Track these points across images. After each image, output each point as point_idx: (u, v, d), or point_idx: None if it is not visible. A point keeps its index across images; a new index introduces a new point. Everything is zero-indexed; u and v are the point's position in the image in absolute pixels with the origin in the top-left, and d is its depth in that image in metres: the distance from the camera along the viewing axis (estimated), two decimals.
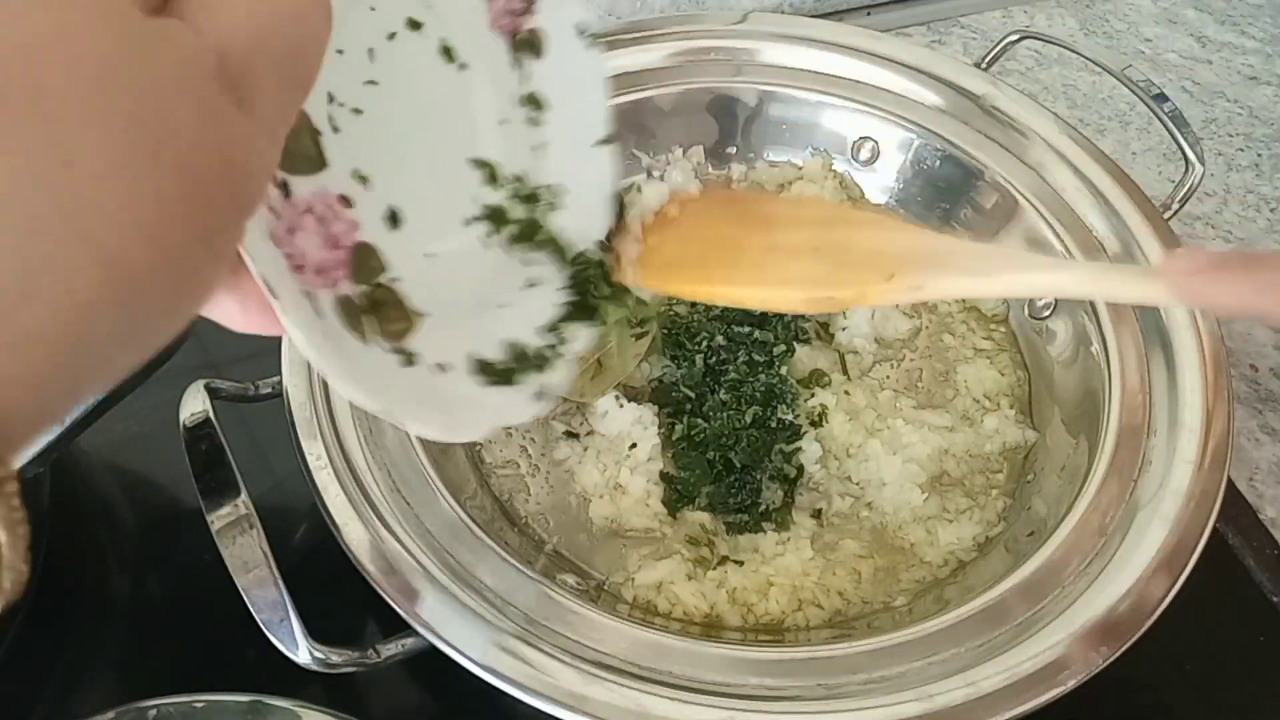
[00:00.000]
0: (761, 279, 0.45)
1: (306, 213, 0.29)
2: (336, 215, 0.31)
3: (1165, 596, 0.45)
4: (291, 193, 0.29)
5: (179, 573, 0.59)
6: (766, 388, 0.58)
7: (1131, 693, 0.55)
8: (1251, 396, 0.68)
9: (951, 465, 0.59)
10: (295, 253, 0.28)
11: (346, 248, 0.31)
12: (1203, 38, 0.93)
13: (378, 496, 0.48)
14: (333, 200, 0.31)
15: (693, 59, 0.69)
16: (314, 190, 0.30)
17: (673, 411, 0.58)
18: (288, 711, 0.47)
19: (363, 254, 0.32)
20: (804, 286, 0.44)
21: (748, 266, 0.45)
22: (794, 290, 0.45)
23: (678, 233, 0.47)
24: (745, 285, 0.45)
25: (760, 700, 0.43)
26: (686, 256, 0.46)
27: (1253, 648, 0.57)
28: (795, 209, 0.53)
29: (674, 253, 0.46)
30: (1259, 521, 0.61)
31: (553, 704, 0.42)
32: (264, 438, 0.58)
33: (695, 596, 0.53)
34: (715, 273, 0.46)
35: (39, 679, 0.54)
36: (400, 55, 0.35)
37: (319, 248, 0.30)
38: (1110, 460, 0.51)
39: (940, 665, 0.44)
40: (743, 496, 0.56)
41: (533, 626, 0.45)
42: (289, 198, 0.29)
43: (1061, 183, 0.63)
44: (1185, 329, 0.55)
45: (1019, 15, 0.94)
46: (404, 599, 0.45)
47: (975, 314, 0.66)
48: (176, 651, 0.56)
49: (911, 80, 0.67)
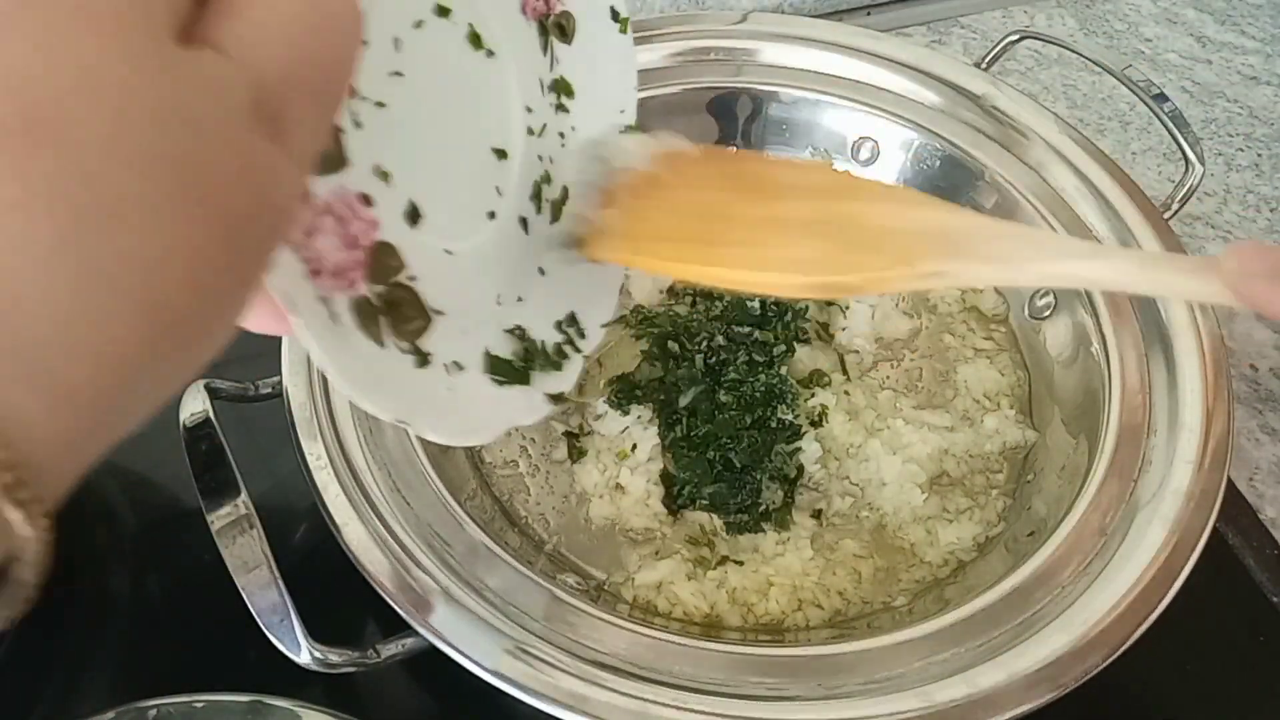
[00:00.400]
0: (755, 259, 0.38)
1: (325, 213, 0.28)
2: (356, 214, 0.29)
3: (1165, 596, 0.45)
4: (312, 194, 0.28)
5: (179, 573, 0.59)
6: (766, 388, 0.58)
7: (1131, 693, 0.55)
8: (1251, 396, 0.68)
9: (951, 465, 0.59)
10: (313, 256, 0.27)
11: (365, 247, 0.30)
12: (1203, 38, 0.93)
13: (378, 496, 0.48)
14: (352, 199, 0.29)
15: (693, 59, 0.69)
16: (333, 190, 0.28)
17: (673, 411, 0.58)
18: (288, 711, 0.47)
19: (381, 253, 0.31)
20: (804, 270, 0.38)
21: (739, 244, 0.39)
22: (792, 274, 0.38)
23: (661, 198, 0.40)
24: (735, 266, 0.39)
25: (760, 700, 0.43)
26: (668, 228, 0.40)
27: (1253, 648, 0.57)
28: (799, 173, 0.45)
29: (655, 223, 0.40)
30: (1259, 521, 0.61)
31: (553, 704, 0.42)
32: (264, 438, 0.58)
33: (695, 596, 0.53)
34: (700, 250, 0.39)
35: (39, 679, 0.54)
36: (427, 44, 0.33)
37: (337, 249, 0.28)
38: (1110, 460, 0.51)
39: (940, 665, 0.44)
40: (743, 496, 0.56)
41: (533, 627, 0.44)
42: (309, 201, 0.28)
43: (1061, 183, 0.63)
44: (1185, 329, 0.55)
45: (1019, 15, 0.94)
46: (404, 599, 0.45)
47: (975, 314, 0.66)
48: (176, 651, 0.56)
49: (911, 80, 0.67)
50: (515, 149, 0.38)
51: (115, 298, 0.18)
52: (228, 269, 0.20)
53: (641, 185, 0.41)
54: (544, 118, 0.40)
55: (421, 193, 0.33)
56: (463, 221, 0.36)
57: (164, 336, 0.19)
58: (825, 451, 0.58)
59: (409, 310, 0.32)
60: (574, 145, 0.41)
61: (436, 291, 0.33)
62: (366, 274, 0.30)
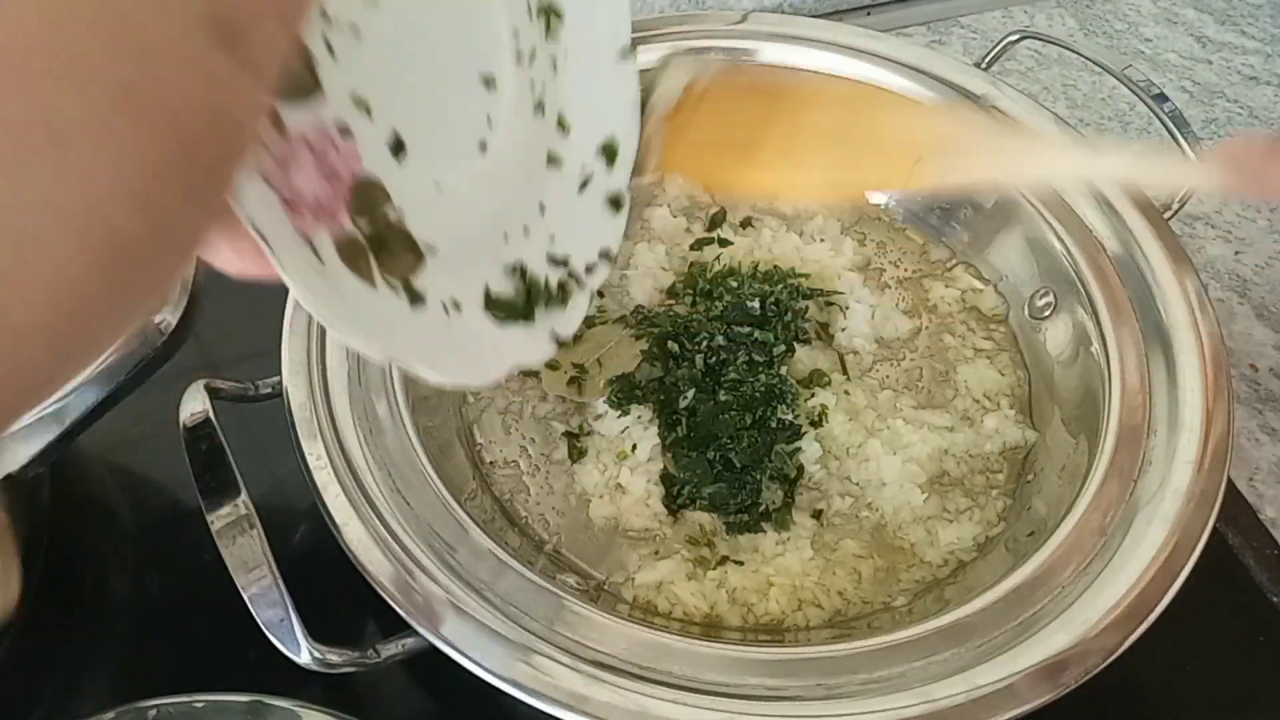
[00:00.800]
0: (786, 164, 0.44)
1: (302, 145, 0.27)
2: (335, 146, 0.28)
3: (1165, 596, 0.45)
4: (285, 124, 0.26)
5: (179, 573, 0.59)
6: (766, 388, 0.58)
7: (1131, 693, 0.55)
8: (1251, 396, 0.68)
9: (951, 465, 0.59)
10: (289, 190, 0.26)
11: (346, 181, 0.28)
12: (1203, 38, 0.93)
13: (378, 496, 0.48)
14: (330, 130, 0.28)
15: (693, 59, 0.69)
16: (309, 120, 0.27)
17: (673, 411, 0.58)
18: (288, 711, 0.47)
19: (364, 187, 0.29)
20: (829, 170, 0.44)
21: (772, 150, 0.44)
22: (818, 174, 0.44)
23: (702, 115, 0.45)
24: (769, 169, 0.45)
25: (760, 700, 0.43)
26: (710, 140, 0.45)
27: (1253, 648, 0.57)
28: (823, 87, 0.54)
29: (698, 137, 0.45)
30: (1259, 521, 0.61)
31: (553, 704, 0.42)
32: (264, 438, 0.58)
33: (695, 596, 0.53)
34: (739, 156, 0.45)
35: (39, 679, 0.54)
36: None
37: (316, 182, 0.27)
38: (1110, 460, 0.51)
39: (940, 665, 0.44)
40: (743, 496, 0.56)
41: (533, 627, 0.44)
42: (282, 130, 0.26)
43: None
44: (1185, 329, 0.55)
45: (1019, 15, 0.94)
46: (404, 600, 0.45)
47: (975, 314, 0.66)
48: (176, 651, 0.56)
49: (911, 80, 0.67)
50: (505, 76, 0.37)
51: (62, 223, 0.17)
52: (183, 192, 0.19)
53: (683, 106, 0.45)
54: (533, 42, 0.38)
55: (405, 123, 0.31)
56: (452, 153, 0.34)
57: (116, 261, 0.18)
58: (825, 451, 0.58)
59: (397, 246, 0.31)
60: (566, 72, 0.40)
61: (427, 227, 0.32)
62: (350, 210, 0.28)
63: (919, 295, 0.67)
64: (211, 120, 0.19)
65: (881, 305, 0.65)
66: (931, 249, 0.69)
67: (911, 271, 0.68)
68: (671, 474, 0.57)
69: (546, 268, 0.38)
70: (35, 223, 0.16)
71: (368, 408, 0.51)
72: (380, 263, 0.30)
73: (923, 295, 0.67)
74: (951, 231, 0.68)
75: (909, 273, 0.68)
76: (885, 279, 0.67)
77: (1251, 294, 0.74)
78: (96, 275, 0.17)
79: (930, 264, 0.68)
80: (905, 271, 0.68)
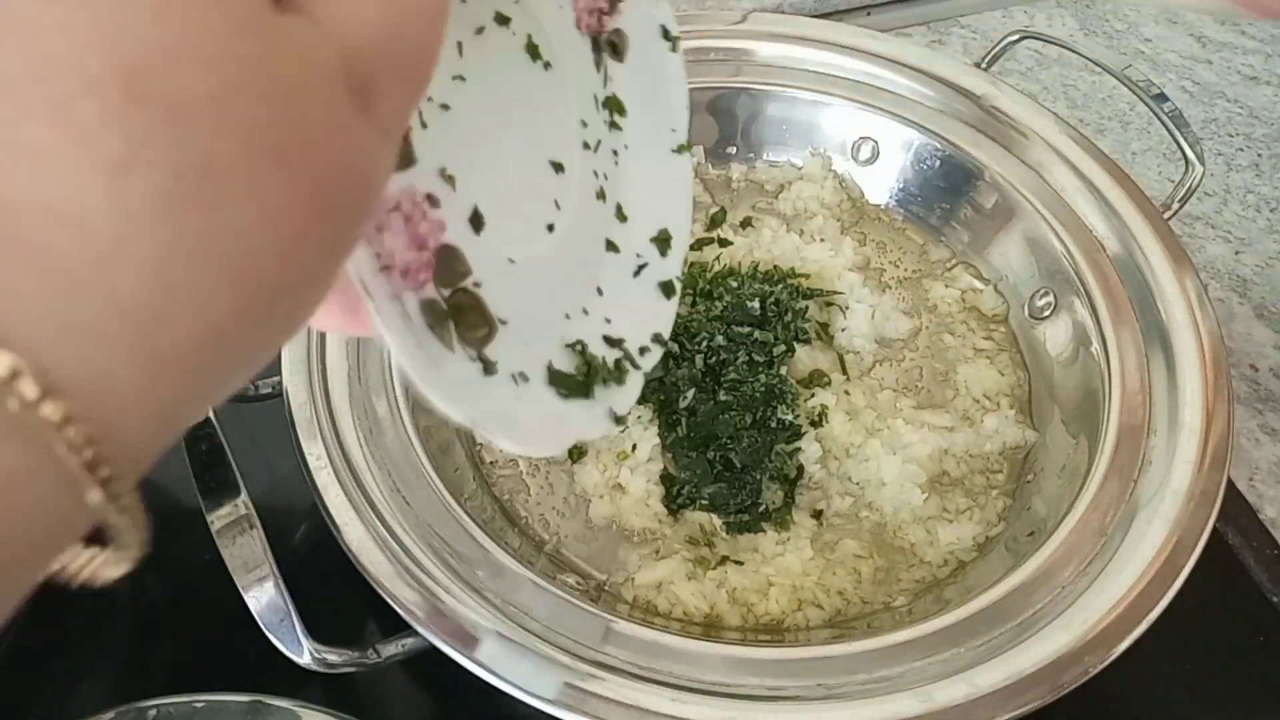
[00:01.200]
0: None
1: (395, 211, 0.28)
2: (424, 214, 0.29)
3: (1165, 596, 0.45)
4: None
5: (179, 573, 0.59)
6: (766, 388, 0.58)
7: (1132, 692, 0.55)
8: (1251, 396, 0.68)
9: (951, 465, 0.59)
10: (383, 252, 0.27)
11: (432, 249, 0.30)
12: (1203, 38, 0.93)
13: (378, 496, 0.48)
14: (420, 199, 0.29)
15: (693, 59, 0.69)
16: (402, 188, 0.28)
17: (673, 411, 0.58)
18: (288, 711, 0.47)
19: (448, 256, 0.31)
20: None
21: None
22: None
23: None
24: None
25: (760, 700, 0.43)
26: None
27: (1253, 648, 0.57)
28: None
29: None
30: (1259, 521, 0.61)
31: (553, 704, 0.42)
32: (264, 438, 0.58)
33: (695, 596, 0.53)
34: None
35: (39, 679, 0.54)
36: (487, 51, 0.34)
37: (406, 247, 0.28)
38: (1110, 460, 0.51)
39: (940, 665, 0.44)
40: (743, 496, 0.56)
41: (532, 627, 0.44)
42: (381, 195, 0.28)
43: (1061, 183, 0.63)
44: (1185, 329, 0.55)
45: (1019, 15, 0.94)
46: (404, 600, 0.45)
47: (975, 314, 0.66)
48: (176, 651, 0.56)
49: (911, 80, 0.67)
50: (572, 163, 0.39)
51: (209, 263, 0.17)
52: (317, 240, 0.19)
53: None
54: (599, 133, 0.40)
55: (484, 199, 0.33)
56: (523, 231, 0.36)
57: (253, 306, 0.18)
58: (825, 451, 0.58)
59: (474, 317, 0.32)
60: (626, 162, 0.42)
61: (501, 300, 0.33)
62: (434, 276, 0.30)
63: (919, 295, 0.67)
64: (346, 173, 0.20)
65: (881, 305, 0.65)
66: (931, 249, 0.69)
67: (911, 271, 0.68)
68: (671, 474, 0.57)
69: (604, 348, 0.40)
70: (187, 263, 0.17)
71: (368, 408, 0.51)
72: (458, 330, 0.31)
73: (923, 295, 0.67)
74: (951, 231, 0.68)
75: (909, 273, 0.68)
76: (885, 279, 0.67)
77: (1251, 294, 0.74)
78: (239, 318, 0.18)
79: (930, 264, 0.68)
80: (905, 271, 0.68)
